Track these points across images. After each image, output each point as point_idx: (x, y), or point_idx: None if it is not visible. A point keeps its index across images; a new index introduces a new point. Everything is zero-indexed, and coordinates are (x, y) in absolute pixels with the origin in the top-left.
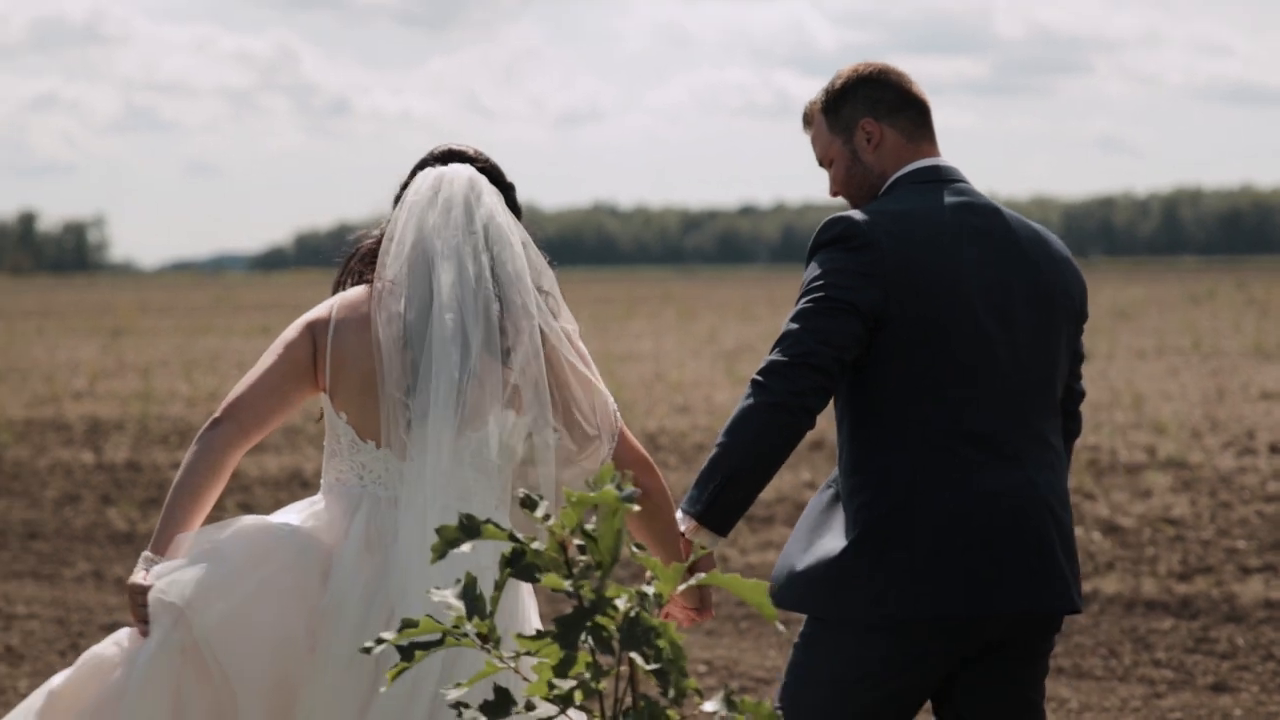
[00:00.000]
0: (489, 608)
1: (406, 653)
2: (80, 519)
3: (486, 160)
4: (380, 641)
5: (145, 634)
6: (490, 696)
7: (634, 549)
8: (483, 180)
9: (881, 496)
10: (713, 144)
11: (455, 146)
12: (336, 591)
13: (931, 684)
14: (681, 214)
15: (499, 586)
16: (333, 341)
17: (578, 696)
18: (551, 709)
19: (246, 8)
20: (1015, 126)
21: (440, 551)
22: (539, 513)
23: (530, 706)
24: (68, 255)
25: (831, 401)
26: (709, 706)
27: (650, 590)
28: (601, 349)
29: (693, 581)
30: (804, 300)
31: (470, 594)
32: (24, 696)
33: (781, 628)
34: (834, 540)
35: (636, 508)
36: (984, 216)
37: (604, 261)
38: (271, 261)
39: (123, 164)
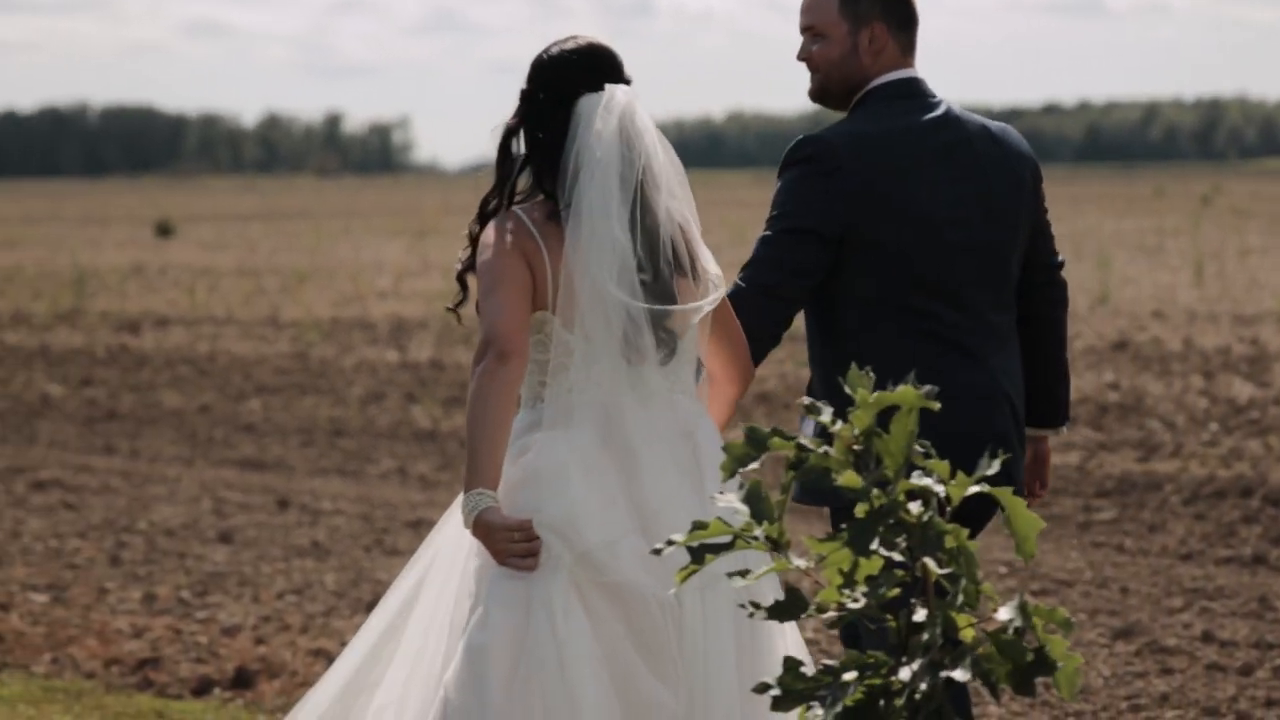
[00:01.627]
0: (776, 511)
1: (697, 554)
2: (385, 417)
3: (619, 61)
4: (670, 543)
5: (531, 568)
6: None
7: (919, 448)
8: (637, 99)
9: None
10: (1016, 42)
11: (597, 48)
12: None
13: None
14: (984, 113)
15: (784, 489)
16: (551, 264)
17: (870, 601)
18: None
19: None
20: None
21: (731, 470)
22: (824, 417)
23: (821, 609)
24: (373, 156)
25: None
26: (1002, 613)
27: (940, 491)
28: None
29: (981, 489)
30: (774, 224)
31: (755, 498)
32: (332, 592)
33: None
34: None
35: (937, 405)
36: (948, 129)
37: None
38: None
39: (426, 65)
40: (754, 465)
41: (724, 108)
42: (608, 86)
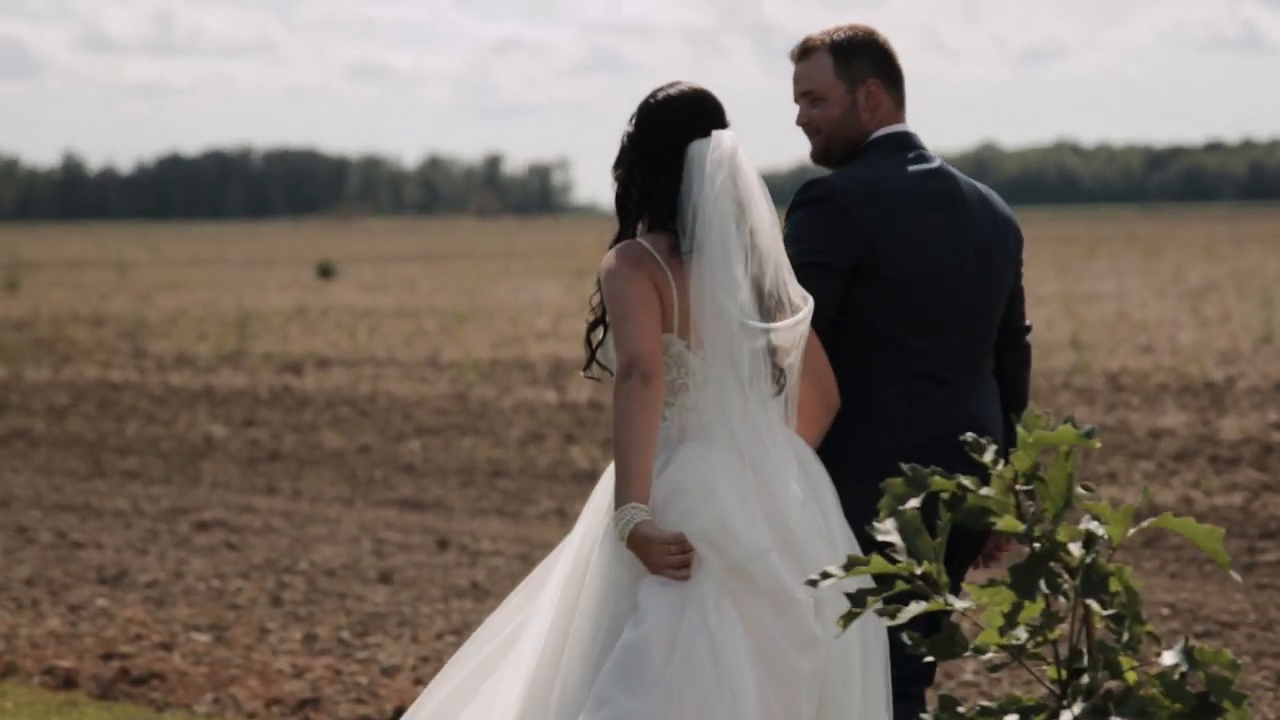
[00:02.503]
0: (935, 552)
1: (857, 599)
2: (544, 458)
3: (721, 106)
4: (826, 575)
5: (685, 578)
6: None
7: (1082, 489)
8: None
9: (839, 433)
10: (1177, 79)
11: (702, 93)
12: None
13: None
14: (1145, 151)
15: (942, 531)
16: (677, 290)
17: (1031, 644)
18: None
19: None
20: None
21: (889, 508)
22: (986, 457)
23: (980, 651)
24: (532, 197)
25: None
26: (1167, 657)
27: (1101, 532)
28: (1063, 289)
29: (1145, 524)
30: (790, 261)
31: (912, 536)
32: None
33: (1237, 576)
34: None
35: (1098, 444)
36: (942, 181)
37: (1066, 200)
38: None
39: (585, 106)
40: (913, 504)
41: None
42: (714, 132)
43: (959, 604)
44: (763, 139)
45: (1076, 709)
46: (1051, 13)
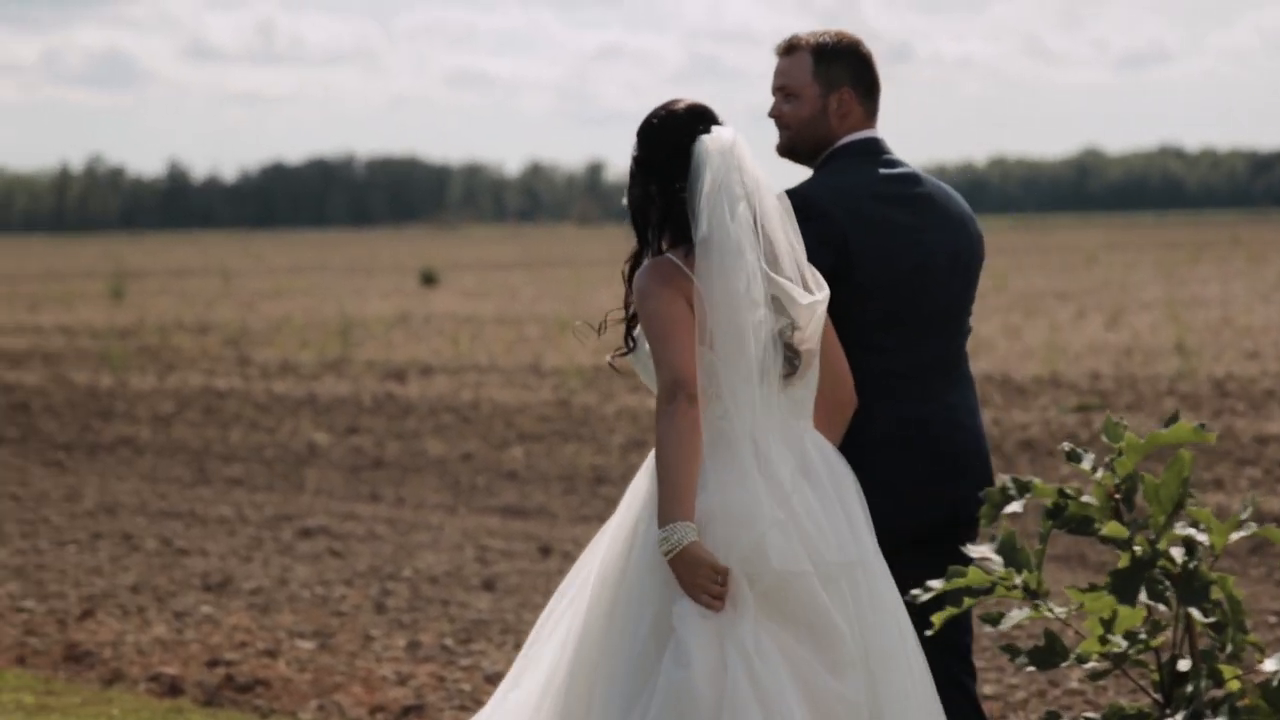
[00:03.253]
0: (1033, 559)
1: (955, 598)
2: None
3: (717, 116)
4: (928, 589)
5: (719, 608)
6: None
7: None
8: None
9: None
10: None
11: (697, 104)
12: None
13: None
14: (1250, 156)
15: (1042, 539)
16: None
17: (1133, 652)
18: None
19: None
20: None
21: (990, 516)
22: (1085, 465)
23: (1082, 659)
24: None
25: None
26: (1269, 664)
27: (1204, 539)
28: (1167, 295)
29: (1244, 533)
30: None
31: (1010, 547)
32: None
33: None
34: None
35: (1214, 436)
36: (909, 185)
37: (1170, 205)
38: None
39: None
40: (1016, 508)
41: (986, 153)
42: (714, 128)
43: (1059, 610)
44: None
45: (1179, 718)
46: (1154, 16)
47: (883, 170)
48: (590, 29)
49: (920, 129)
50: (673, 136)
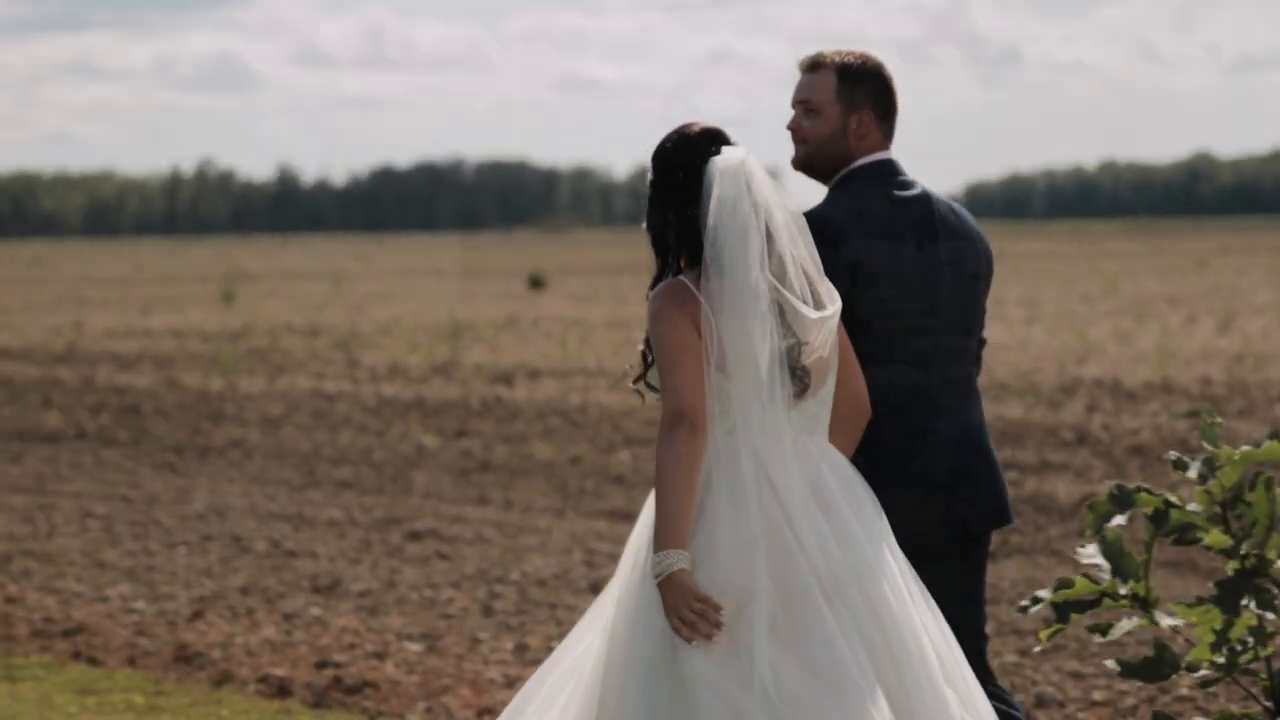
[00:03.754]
0: (1141, 569)
1: (1062, 612)
2: None
3: (729, 138)
4: (1036, 600)
5: (706, 637)
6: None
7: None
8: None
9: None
10: None
11: (709, 127)
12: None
13: None
14: None
15: (1148, 548)
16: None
17: (1243, 660)
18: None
19: None
20: None
21: (1095, 526)
22: (1191, 473)
23: (1192, 668)
24: None
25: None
26: None
27: None
28: (1278, 299)
29: None
30: None
31: (1117, 555)
32: None
33: None
34: None
35: None
36: (920, 205)
37: None
38: None
39: None
40: (1120, 521)
41: (1096, 156)
42: (724, 148)
43: (1167, 621)
44: (975, 150)
45: None
46: (1266, 19)
47: (897, 192)
48: (699, 33)
49: (1030, 132)
50: (686, 159)
